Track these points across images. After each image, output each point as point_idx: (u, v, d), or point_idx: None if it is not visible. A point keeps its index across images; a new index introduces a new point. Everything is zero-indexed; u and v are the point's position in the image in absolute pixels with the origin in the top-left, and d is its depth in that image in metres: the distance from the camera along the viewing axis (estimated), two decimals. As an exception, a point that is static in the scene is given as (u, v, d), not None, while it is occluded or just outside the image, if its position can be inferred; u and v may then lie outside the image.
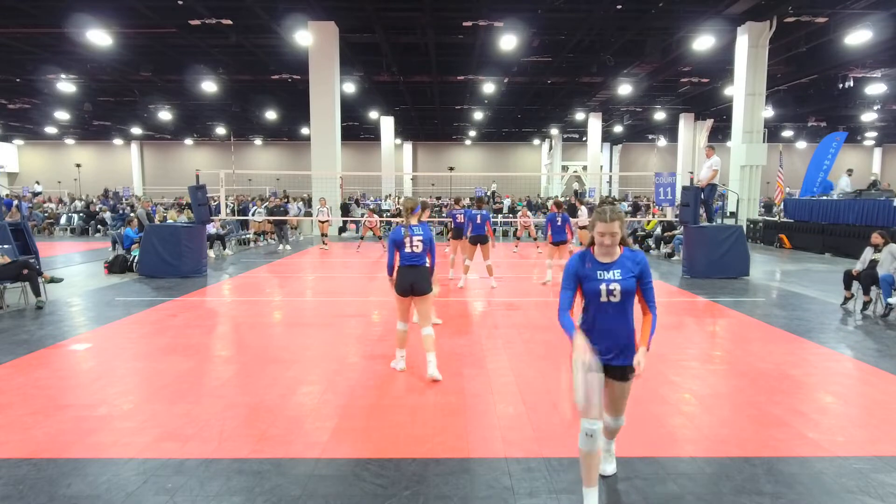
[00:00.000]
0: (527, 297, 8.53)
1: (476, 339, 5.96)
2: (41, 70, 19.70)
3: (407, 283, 4.59)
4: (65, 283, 8.74)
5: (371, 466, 3.15)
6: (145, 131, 35.05)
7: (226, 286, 9.55)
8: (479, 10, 14.46)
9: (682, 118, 29.64)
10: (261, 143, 40.25)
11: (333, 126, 17.39)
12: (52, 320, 6.72)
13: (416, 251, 4.60)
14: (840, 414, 3.98)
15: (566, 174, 36.75)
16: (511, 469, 3.13)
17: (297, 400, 4.18)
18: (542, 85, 22.97)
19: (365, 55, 19.39)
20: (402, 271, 4.61)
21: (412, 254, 4.60)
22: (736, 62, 15.79)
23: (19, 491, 2.88)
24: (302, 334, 6.21)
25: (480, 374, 4.74)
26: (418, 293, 4.61)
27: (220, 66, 19.92)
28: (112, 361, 5.13)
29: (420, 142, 41.47)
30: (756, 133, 15.74)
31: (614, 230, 2.57)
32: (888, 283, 6.83)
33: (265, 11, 14.44)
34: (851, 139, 33.84)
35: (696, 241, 10.33)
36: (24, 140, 38.98)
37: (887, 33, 14.48)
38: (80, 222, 21.00)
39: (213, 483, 2.96)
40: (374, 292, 8.82)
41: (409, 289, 4.60)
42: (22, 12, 14.31)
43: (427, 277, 4.64)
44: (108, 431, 3.60)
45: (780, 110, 24.89)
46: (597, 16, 14.45)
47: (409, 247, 4.59)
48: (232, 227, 15.45)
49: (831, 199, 15.23)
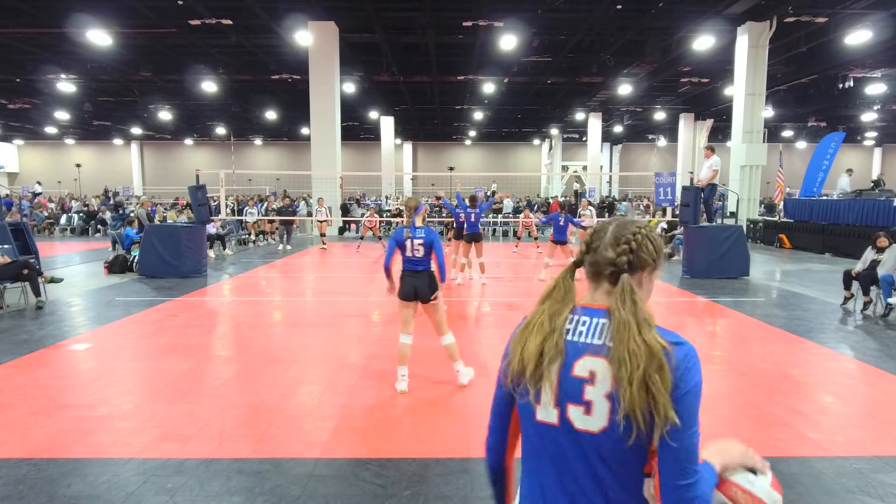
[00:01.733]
0: (527, 297, 8.53)
1: (476, 338, 5.96)
2: (41, 70, 19.68)
3: (410, 289, 4.29)
4: (65, 283, 8.73)
5: (371, 466, 3.15)
6: (145, 131, 35.03)
7: (226, 286, 9.55)
8: (479, 10, 14.45)
9: (682, 118, 29.63)
10: (261, 143, 40.24)
11: (333, 126, 17.38)
12: (52, 320, 6.72)
13: (416, 255, 4.30)
14: (840, 414, 3.98)
15: (566, 174, 36.73)
16: (511, 469, 3.12)
17: (297, 400, 4.18)
18: (542, 85, 22.96)
19: (365, 55, 19.38)
20: (404, 276, 4.33)
21: (413, 258, 4.31)
22: (736, 62, 15.79)
23: (19, 491, 2.87)
24: (302, 334, 6.21)
25: (481, 373, 4.73)
26: (422, 300, 4.32)
27: (220, 66, 19.91)
28: (112, 361, 5.13)
29: (420, 142, 41.46)
30: (756, 133, 15.74)
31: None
32: (888, 283, 6.83)
33: (265, 11, 14.43)
34: (851, 139, 33.85)
35: (697, 241, 10.33)
36: (24, 140, 38.96)
37: (887, 33, 14.47)
38: (80, 222, 21.01)
39: (213, 483, 2.96)
40: (374, 292, 8.82)
41: (413, 294, 4.30)
42: (22, 12, 14.30)
43: (430, 282, 4.31)
44: (108, 431, 3.60)
45: (780, 110, 24.87)
46: (597, 16, 14.44)
47: (410, 250, 4.29)
48: (232, 227, 15.46)
49: (831, 199, 15.22)
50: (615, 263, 1.15)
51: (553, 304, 1.18)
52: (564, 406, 1.11)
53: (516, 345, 1.18)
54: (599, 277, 1.18)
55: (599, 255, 1.17)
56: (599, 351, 1.10)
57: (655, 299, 8.52)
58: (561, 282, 1.20)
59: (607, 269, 1.16)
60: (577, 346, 1.12)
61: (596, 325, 1.13)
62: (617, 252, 1.15)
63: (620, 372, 1.05)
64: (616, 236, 1.17)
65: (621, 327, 1.08)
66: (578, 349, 1.12)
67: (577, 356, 1.11)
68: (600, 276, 1.17)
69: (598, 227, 1.22)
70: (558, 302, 1.18)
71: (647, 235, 1.18)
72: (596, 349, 1.11)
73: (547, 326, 1.15)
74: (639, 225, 1.20)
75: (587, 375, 1.10)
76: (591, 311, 1.16)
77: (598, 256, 1.17)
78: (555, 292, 1.20)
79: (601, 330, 1.12)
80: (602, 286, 1.17)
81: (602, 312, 1.14)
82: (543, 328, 1.15)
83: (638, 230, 1.18)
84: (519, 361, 1.16)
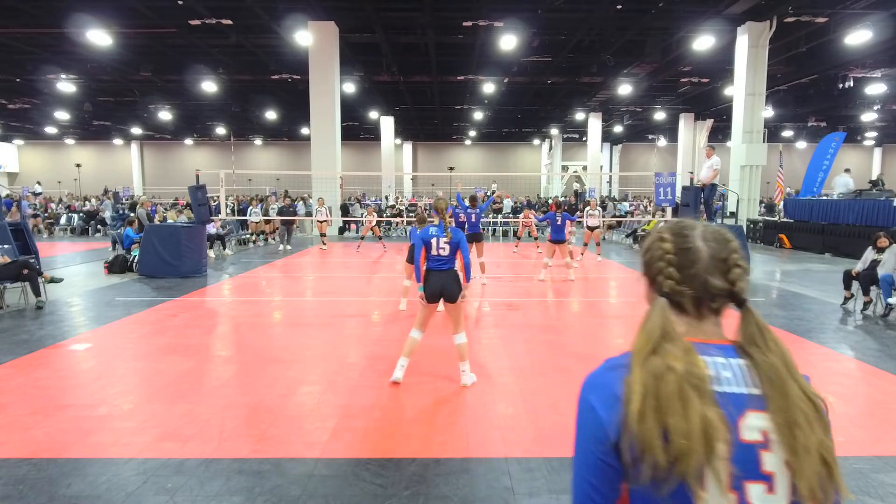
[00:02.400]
0: (527, 297, 8.52)
1: (476, 338, 5.96)
2: (41, 70, 19.68)
3: (437, 288, 4.34)
4: (65, 283, 8.73)
5: (371, 466, 3.15)
6: (145, 131, 35.03)
7: (226, 286, 9.54)
8: (479, 10, 14.46)
9: (682, 118, 29.64)
10: (261, 143, 40.24)
11: (333, 126, 17.38)
12: (52, 320, 6.72)
13: (442, 254, 4.40)
14: (840, 414, 3.98)
15: (566, 174, 36.73)
16: (511, 469, 3.13)
17: (297, 400, 4.18)
18: (542, 85, 22.97)
19: (365, 55, 19.39)
20: (431, 276, 4.39)
21: (438, 257, 4.40)
22: (736, 62, 15.79)
23: (19, 491, 2.87)
24: (302, 334, 6.21)
25: (480, 374, 4.73)
26: (448, 299, 4.38)
27: (220, 66, 19.91)
28: (112, 361, 5.13)
29: (420, 142, 41.46)
30: (756, 133, 15.74)
31: None
32: (888, 283, 6.83)
33: (265, 11, 14.44)
34: (851, 139, 33.83)
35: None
36: (24, 140, 38.96)
37: (887, 33, 14.47)
38: (80, 222, 21.01)
39: (213, 483, 2.96)
40: (374, 292, 8.82)
41: (439, 293, 4.36)
42: (22, 12, 14.31)
43: (458, 282, 4.39)
44: (108, 431, 3.60)
45: (780, 110, 24.88)
46: (597, 16, 14.44)
47: (436, 249, 4.39)
48: (232, 227, 15.46)
49: (831, 199, 15.23)
50: (733, 293, 0.91)
51: (675, 348, 0.86)
52: (742, 488, 0.82)
53: (650, 425, 0.81)
54: (701, 308, 0.92)
55: (701, 283, 0.90)
56: (760, 404, 0.85)
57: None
58: (667, 320, 0.90)
59: (718, 302, 0.92)
60: (734, 399, 0.85)
61: (737, 367, 0.88)
62: (730, 279, 0.91)
63: (795, 436, 0.82)
64: (718, 258, 0.91)
65: (773, 374, 0.85)
66: (737, 403, 0.85)
67: (740, 412, 0.84)
68: (703, 307, 0.92)
69: (678, 243, 0.93)
70: (680, 348, 0.87)
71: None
72: (756, 402, 0.85)
73: (695, 384, 0.83)
74: (727, 237, 0.94)
75: (760, 438, 0.84)
76: (723, 350, 0.90)
77: (701, 286, 0.91)
78: (668, 330, 0.88)
79: (744, 374, 0.87)
80: (708, 319, 0.93)
81: (732, 350, 0.90)
82: (691, 387, 0.82)
83: (734, 246, 0.93)
84: (673, 451, 0.80)
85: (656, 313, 0.90)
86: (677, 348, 0.86)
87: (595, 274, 11.08)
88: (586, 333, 6.47)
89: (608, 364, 0.93)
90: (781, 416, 0.83)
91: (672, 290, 0.91)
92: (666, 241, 0.94)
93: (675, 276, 0.91)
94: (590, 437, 0.88)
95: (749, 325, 0.90)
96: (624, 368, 0.88)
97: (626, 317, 7.32)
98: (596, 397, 0.89)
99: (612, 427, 0.85)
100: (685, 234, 0.93)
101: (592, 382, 0.92)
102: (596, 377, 0.92)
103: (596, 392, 0.90)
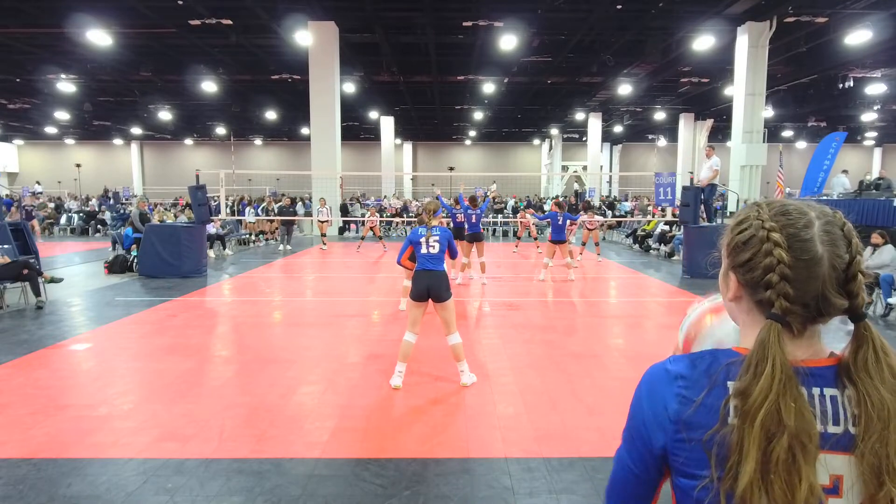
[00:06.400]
0: (527, 297, 8.53)
1: (476, 338, 5.96)
2: (41, 70, 19.68)
3: (423, 288, 4.38)
4: (65, 283, 8.73)
5: (371, 466, 3.15)
6: (145, 131, 35.03)
7: (226, 286, 9.54)
8: (479, 10, 14.46)
9: (682, 118, 29.63)
10: (261, 143, 40.23)
11: (333, 126, 17.38)
12: (52, 320, 6.72)
13: (432, 252, 4.48)
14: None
15: (566, 174, 36.73)
16: (511, 469, 3.13)
17: (297, 400, 4.18)
18: (542, 85, 22.96)
19: (365, 55, 19.38)
20: (418, 275, 4.44)
21: (428, 255, 4.47)
22: (736, 62, 15.79)
23: (19, 491, 2.87)
24: (302, 334, 6.21)
25: (480, 374, 4.73)
26: (436, 299, 4.40)
27: (220, 66, 19.91)
28: (112, 361, 5.13)
29: (420, 142, 41.45)
30: (756, 133, 15.74)
31: None
32: (888, 283, 6.83)
33: (265, 11, 14.44)
34: (851, 139, 33.82)
35: (696, 241, 10.33)
36: (24, 140, 38.96)
37: (887, 33, 14.47)
38: (80, 222, 21.02)
39: (213, 483, 2.96)
40: (374, 292, 8.82)
41: (426, 293, 4.39)
42: (22, 12, 14.31)
43: (444, 282, 4.42)
44: (108, 431, 3.60)
45: (780, 110, 24.88)
46: (597, 16, 14.44)
47: (426, 247, 4.48)
48: (232, 227, 15.47)
49: (831, 199, 15.21)
50: (853, 308, 0.75)
51: (788, 392, 0.71)
52: None
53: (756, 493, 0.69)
54: (808, 324, 0.77)
55: (819, 301, 0.74)
56: (844, 444, 0.73)
57: (655, 299, 8.53)
58: (784, 354, 0.73)
59: (831, 317, 0.77)
60: (821, 439, 0.73)
61: (837, 403, 0.74)
62: (851, 290, 0.74)
63: (881, 486, 0.70)
64: (839, 267, 0.74)
65: (879, 412, 0.71)
66: (821, 443, 0.73)
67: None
68: (812, 323, 0.77)
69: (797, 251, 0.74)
70: (791, 394, 0.72)
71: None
72: (841, 442, 0.73)
73: (804, 442, 0.70)
74: (844, 229, 0.77)
75: (828, 483, 0.73)
76: (824, 377, 0.76)
77: (818, 304, 0.75)
78: (785, 367, 0.72)
79: (842, 410, 0.74)
80: (811, 330, 0.78)
81: (833, 376, 0.76)
82: (800, 448, 0.70)
83: (855, 244, 0.76)
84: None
85: (773, 347, 0.73)
86: (790, 394, 0.71)
87: (595, 274, 11.08)
88: (586, 333, 6.47)
89: (670, 372, 0.81)
90: (871, 461, 0.70)
91: (784, 310, 0.75)
92: (779, 246, 0.75)
93: (790, 296, 0.74)
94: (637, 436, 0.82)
95: (865, 347, 0.74)
96: (682, 381, 0.78)
97: (627, 317, 7.32)
98: (649, 409, 0.81)
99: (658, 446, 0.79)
100: (803, 237, 0.74)
101: (651, 389, 0.81)
102: (655, 384, 0.81)
103: (651, 404, 0.81)
